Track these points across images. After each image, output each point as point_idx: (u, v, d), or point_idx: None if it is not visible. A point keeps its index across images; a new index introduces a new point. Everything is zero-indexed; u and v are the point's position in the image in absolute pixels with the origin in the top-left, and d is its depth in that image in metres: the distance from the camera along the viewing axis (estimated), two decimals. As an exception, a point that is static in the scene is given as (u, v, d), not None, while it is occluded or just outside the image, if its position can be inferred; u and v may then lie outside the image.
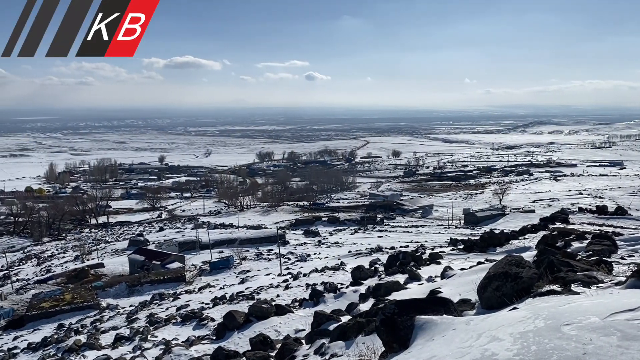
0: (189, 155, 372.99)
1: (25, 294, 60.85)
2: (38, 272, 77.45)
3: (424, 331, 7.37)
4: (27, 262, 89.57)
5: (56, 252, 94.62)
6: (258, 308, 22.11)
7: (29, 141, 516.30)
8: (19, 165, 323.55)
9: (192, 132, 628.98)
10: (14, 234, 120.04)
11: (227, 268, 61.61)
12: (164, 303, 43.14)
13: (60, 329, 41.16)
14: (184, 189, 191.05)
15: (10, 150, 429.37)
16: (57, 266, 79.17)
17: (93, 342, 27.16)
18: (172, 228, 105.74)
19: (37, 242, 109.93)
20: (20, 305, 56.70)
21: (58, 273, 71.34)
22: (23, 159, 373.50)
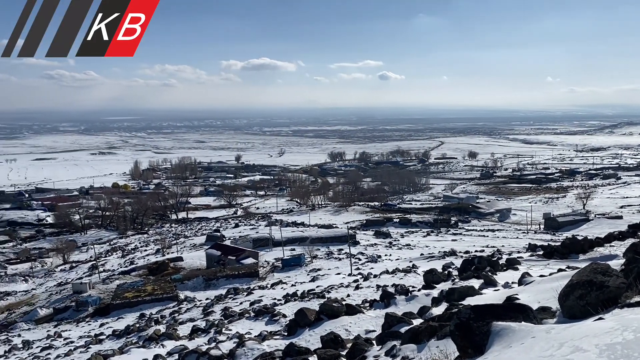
0: (263, 155, 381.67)
1: (111, 284, 64.78)
2: (122, 264, 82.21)
3: (501, 338, 7.12)
4: (113, 254, 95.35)
5: (139, 245, 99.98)
6: (329, 307, 22.21)
7: (116, 140, 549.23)
8: (107, 162, 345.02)
9: (267, 132, 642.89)
10: (101, 227, 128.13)
11: (299, 266, 62.44)
12: (238, 297, 44.38)
13: (142, 319, 43.42)
14: (258, 187, 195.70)
15: (100, 148, 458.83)
16: (140, 259, 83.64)
17: (171, 333, 28.40)
18: (246, 225, 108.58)
19: (122, 235, 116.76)
20: (106, 294, 60.48)
21: (140, 265, 75.36)
22: (110, 156, 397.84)
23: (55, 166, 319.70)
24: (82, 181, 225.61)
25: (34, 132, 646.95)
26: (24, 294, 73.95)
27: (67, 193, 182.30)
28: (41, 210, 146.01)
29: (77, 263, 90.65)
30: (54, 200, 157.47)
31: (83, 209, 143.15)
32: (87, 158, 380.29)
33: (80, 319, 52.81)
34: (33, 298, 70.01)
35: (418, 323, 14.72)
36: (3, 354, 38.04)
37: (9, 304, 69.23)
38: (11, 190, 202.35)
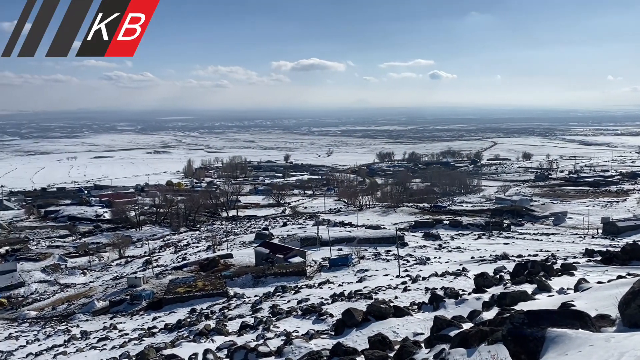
0: (311, 154, 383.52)
1: (164, 279, 66.76)
2: (175, 260, 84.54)
3: (557, 345, 6.88)
4: (166, 249, 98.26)
5: (191, 241, 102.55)
6: (376, 308, 22.06)
7: (171, 139, 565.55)
8: (162, 160, 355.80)
9: (316, 132, 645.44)
10: (155, 224, 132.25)
11: (346, 266, 62.37)
12: (286, 296, 44.79)
13: (193, 313, 44.49)
14: (306, 187, 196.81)
15: (155, 147, 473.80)
16: (192, 255, 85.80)
17: (221, 328, 28.95)
18: (294, 224, 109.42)
19: (175, 232, 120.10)
20: (159, 289, 62.38)
21: (192, 261, 77.31)
22: (165, 155, 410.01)
23: (113, 164, 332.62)
24: (138, 179, 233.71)
25: (94, 131, 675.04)
26: (83, 287, 77.34)
27: (124, 190, 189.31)
28: (99, 206, 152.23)
29: (132, 258, 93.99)
30: (112, 197, 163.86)
31: (138, 205, 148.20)
32: (142, 156, 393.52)
33: (134, 312, 54.73)
34: (90, 290, 73.10)
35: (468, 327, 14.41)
36: (63, 343, 39.88)
37: (68, 295, 72.62)
38: (72, 186, 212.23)
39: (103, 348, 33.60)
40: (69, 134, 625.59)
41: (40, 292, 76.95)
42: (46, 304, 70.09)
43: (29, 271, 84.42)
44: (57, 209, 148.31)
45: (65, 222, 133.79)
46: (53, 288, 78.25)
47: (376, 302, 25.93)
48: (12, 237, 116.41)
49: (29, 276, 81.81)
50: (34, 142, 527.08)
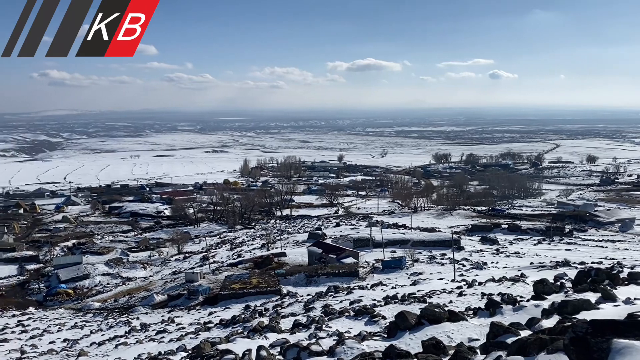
0: (365, 155, 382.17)
1: (220, 275, 68.38)
2: (230, 256, 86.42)
3: (623, 357, 6.53)
4: (222, 246, 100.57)
5: (246, 239, 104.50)
6: (430, 311, 21.65)
7: (228, 139, 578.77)
8: (219, 160, 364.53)
9: (370, 133, 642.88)
10: (212, 221, 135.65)
11: (399, 268, 61.72)
12: (338, 296, 44.81)
13: (247, 310, 45.29)
14: (359, 188, 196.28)
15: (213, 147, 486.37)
16: (246, 252, 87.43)
17: (274, 325, 29.25)
18: (347, 224, 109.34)
19: (231, 229, 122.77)
20: (215, 284, 63.95)
21: (247, 258, 78.76)
22: (222, 154, 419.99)
23: (173, 162, 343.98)
24: (197, 177, 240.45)
25: (155, 131, 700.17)
26: (143, 280, 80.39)
27: (183, 188, 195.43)
28: (160, 203, 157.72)
29: (190, 254, 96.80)
30: (171, 194, 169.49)
31: (197, 203, 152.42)
32: (201, 155, 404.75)
33: (191, 306, 56.35)
34: (150, 284, 75.83)
35: (526, 335, 13.91)
36: (124, 334, 41.55)
37: (129, 288, 75.65)
38: (134, 184, 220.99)
39: (161, 340, 34.73)
40: (132, 133, 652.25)
41: (103, 284, 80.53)
42: (109, 296, 73.32)
43: (93, 264, 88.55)
44: (120, 205, 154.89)
45: (127, 217, 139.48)
46: (115, 281, 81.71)
47: (430, 305, 25.52)
48: (78, 231, 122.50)
49: (94, 269, 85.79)
50: (100, 141, 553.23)
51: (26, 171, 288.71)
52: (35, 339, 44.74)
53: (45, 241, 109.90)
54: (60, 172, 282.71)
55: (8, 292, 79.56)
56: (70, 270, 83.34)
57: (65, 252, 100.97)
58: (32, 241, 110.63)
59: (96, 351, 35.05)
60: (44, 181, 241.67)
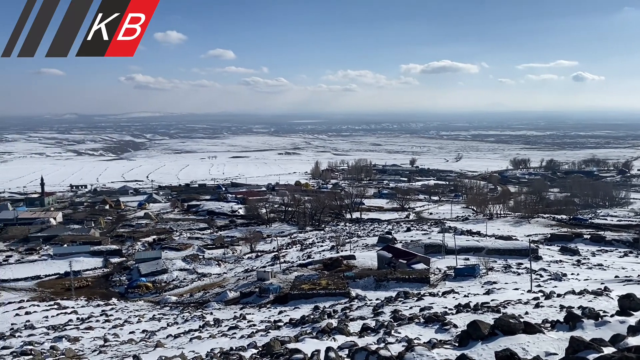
0: (439, 159, 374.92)
1: (290, 275, 69.38)
2: (300, 257, 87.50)
3: None
4: (293, 247, 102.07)
5: (316, 240, 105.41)
6: (505, 322, 20.85)
7: (300, 141, 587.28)
8: (291, 161, 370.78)
9: (444, 136, 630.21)
10: (284, 221, 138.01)
11: (472, 276, 59.96)
12: (408, 302, 44.16)
13: (316, 311, 45.64)
14: (432, 192, 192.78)
15: (285, 149, 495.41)
16: (316, 253, 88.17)
17: (342, 328, 29.28)
18: (418, 229, 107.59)
19: (301, 230, 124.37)
20: (285, 284, 64.96)
21: (316, 260, 79.43)
22: (294, 156, 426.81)
23: (248, 164, 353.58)
24: (270, 178, 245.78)
25: (232, 133, 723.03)
26: (217, 277, 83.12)
27: (257, 188, 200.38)
28: (234, 202, 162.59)
29: (262, 252, 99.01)
30: (245, 194, 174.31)
31: (269, 203, 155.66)
32: (274, 157, 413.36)
33: (262, 304, 57.60)
34: (224, 281, 78.25)
35: (609, 352, 13.08)
36: (198, 328, 43.13)
37: (204, 284, 78.43)
38: (211, 183, 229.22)
39: (233, 336, 35.72)
40: (210, 135, 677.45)
41: (180, 279, 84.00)
42: (185, 290, 76.38)
43: (171, 259, 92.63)
44: (198, 204, 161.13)
45: (204, 216, 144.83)
46: (191, 276, 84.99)
47: (504, 316, 24.59)
48: (158, 227, 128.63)
49: (172, 264, 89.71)
50: (180, 142, 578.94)
51: (112, 170, 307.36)
52: (116, 329, 47.42)
53: (128, 236, 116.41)
54: (143, 171, 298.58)
55: (94, 283, 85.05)
56: (150, 264, 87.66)
57: (145, 247, 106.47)
58: (116, 236, 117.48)
59: (172, 343, 36.58)
60: (128, 179, 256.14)
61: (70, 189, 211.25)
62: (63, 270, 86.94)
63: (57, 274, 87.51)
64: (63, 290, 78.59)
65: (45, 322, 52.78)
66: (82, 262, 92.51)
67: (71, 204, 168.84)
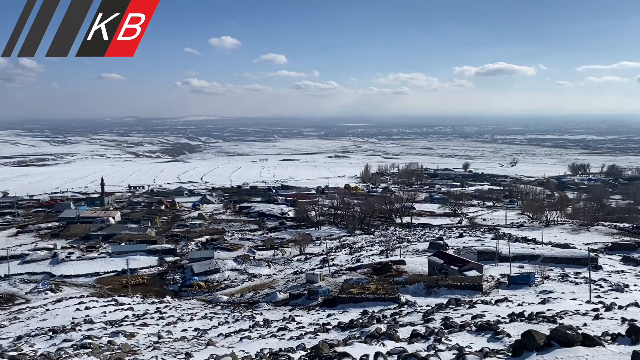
0: (493, 164, 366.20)
1: (338, 278, 69.35)
2: (349, 260, 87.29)
3: None
4: (341, 250, 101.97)
5: (365, 244, 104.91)
6: (562, 333, 20.10)
7: (350, 144, 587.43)
8: (341, 165, 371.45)
9: (499, 140, 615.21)
10: (333, 224, 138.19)
11: (527, 285, 58.13)
12: (459, 309, 43.25)
13: (365, 315, 45.39)
14: (485, 198, 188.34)
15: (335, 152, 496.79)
16: (365, 257, 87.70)
17: (392, 333, 29.01)
18: (471, 235, 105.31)
19: (350, 234, 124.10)
20: (334, 287, 64.99)
21: (365, 264, 79.01)
22: (344, 159, 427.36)
23: (298, 166, 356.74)
24: (319, 181, 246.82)
25: (283, 136, 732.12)
26: (267, 278, 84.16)
27: (306, 191, 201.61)
28: (284, 204, 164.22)
29: (311, 255, 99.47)
30: (295, 197, 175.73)
31: (318, 206, 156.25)
32: (324, 160, 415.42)
33: (310, 306, 57.84)
34: (273, 282, 79.12)
35: (678, 370, 12.37)
36: (248, 328, 43.78)
37: (254, 285, 79.59)
38: (262, 185, 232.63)
39: (282, 337, 36.04)
40: (262, 138, 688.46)
41: (231, 279, 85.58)
42: (236, 290, 77.75)
43: (223, 259, 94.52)
44: (249, 205, 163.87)
45: (255, 217, 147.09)
46: (242, 276, 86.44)
47: (561, 326, 23.71)
48: (211, 227, 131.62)
49: (223, 264, 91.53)
50: (233, 145, 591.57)
51: (168, 171, 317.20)
52: (170, 326, 48.80)
53: (182, 236, 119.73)
54: (197, 172, 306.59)
55: (149, 280, 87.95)
56: (203, 264, 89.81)
57: (199, 247, 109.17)
58: (171, 235, 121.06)
59: (223, 342, 37.30)
60: (183, 180, 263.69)
61: (129, 190, 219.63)
62: (120, 267, 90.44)
63: (114, 271, 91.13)
64: (120, 287, 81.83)
65: (103, 318, 54.96)
66: (139, 260, 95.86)
67: (129, 204, 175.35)
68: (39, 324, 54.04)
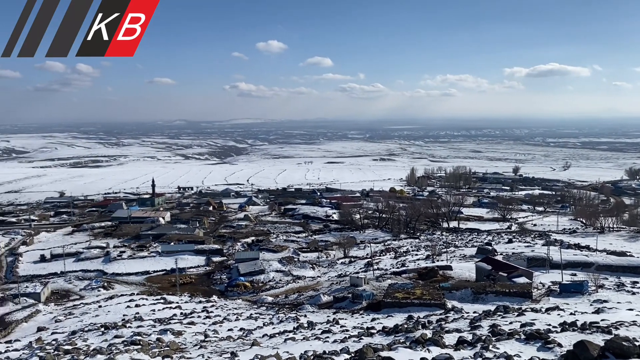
0: (544, 168, 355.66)
1: (383, 282, 68.85)
2: (394, 265, 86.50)
3: None
4: (386, 254, 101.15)
5: (410, 249, 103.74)
6: (617, 344, 19.24)
7: (396, 147, 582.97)
8: (386, 168, 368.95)
9: (551, 144, 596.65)
10: (377, 228, 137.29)
11: (580, 293, 56.03)
12: (508, 316, 42.11)
13: (410, 320, 44.86)
14: (536, 203, 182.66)
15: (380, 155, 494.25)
16: (410, 262, 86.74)
17: (437, 339, 28.52)
18: (521, 241, 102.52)
19: (395, 238, 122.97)
20: (378, 291, 64.55)
21: (411, 268, 78.14)
22: (389, 162, 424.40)
23: (342, 169, 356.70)
24: (364, 184, 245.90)
25: (328, 139, 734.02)
26: (311, 280, 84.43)
27: (351, 194, 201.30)
28: (329, 207, 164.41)
29: (355, 258, 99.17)
30: (340, 200, 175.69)
31: (363, 209, 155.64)
32: (369, 163, 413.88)
33: (354, 310, 57.65)
34: (317, 285, 79.29)
35: None
36: (292, 330, 44.01)
37: (299, 286, 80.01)
38: (307, 188, 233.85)
39: (326, 340, 36.05)
40: (307, 141, 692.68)
41: (276, 280, 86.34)
42: (280, 291, 78.38)
43: (268, 260, 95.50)
44: (294, 207, 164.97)
45: (299, 219, 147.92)
46: (287, 278, 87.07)
47: (617, 338, 22.68)
48: (257, 229, 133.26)
49: (268, 265, 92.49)
50: (279, 147, 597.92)
51: (216, 173, 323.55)
52: (216, 325, 49.65)
53: (229, 236, 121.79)
54: (244, 174, 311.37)
55: (197, 280, 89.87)
56: (248, 264, 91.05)
57: (244, 248, 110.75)
58: (218, 236, 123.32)
59: (267, 343, 37.64)
60: (230, 182, 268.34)
61: (178, 191, 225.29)
62: (169, 266, 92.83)
63: (163, 270, 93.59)
64: (169, 286, 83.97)
65: (152, 315, 56.51)
66: (187, 260, 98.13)
67: (178, 205, 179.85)
68: (92, 319, 56.14)
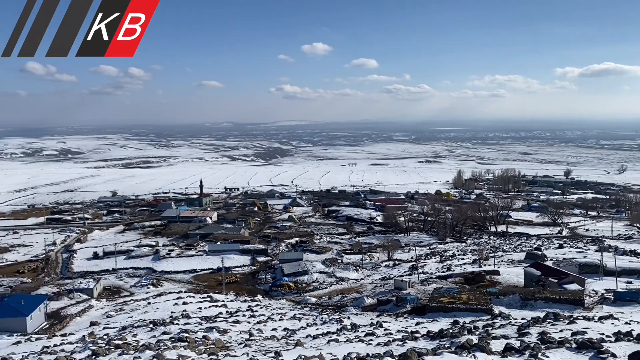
0: (598, 171, 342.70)
1: (428, 286, 67.93)
2: (440, 269, 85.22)
3: None
4: (431, 257, 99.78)
5: (456, 252, 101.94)
6: (677, 358, 18.37)
7: (442, 149, 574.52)
8: (432, 170, 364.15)
9: (605, 146, 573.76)
10: (422, 231, 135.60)
11: (636, 302, 53.58)
12: (558, 324, 40.74)
13: (455, 325, 44.04)
14: (589, 207, 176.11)
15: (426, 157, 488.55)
16: (456, 266, 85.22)
17: (484, 345, 27.91)
18: (572, 247, 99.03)
19: (441, 241, 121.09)
20: (423, 295, 63.75)
21: (457, 273, 76.78)
22: (435, 164, 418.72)
23: (387, 171, 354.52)
24: (409, 186, 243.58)
25: (372, 140, 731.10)
26: (354, 282, 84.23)
27: (395, 196, 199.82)
28: (373, 209, 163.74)
29: (399, 261, 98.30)
30: (384, 202, 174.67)
31: (408, 212, 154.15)
32: (414, 165, 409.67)
33: (398, 313, 57.17)
34: (361, 287, 79.02)
35: None
36: (335, 331, 44.03)
37: (342, 288, 79.96)
38: (350, 190, 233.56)
39: (369, 343, 35.86)
40: (351, 142, 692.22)
41: (319, 281, 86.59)
42: (324, 293, 78.55)
43: (312, 261, 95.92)
44: (337, 209, 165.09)
45: (343, 221, 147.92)
46: (330, 279, 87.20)
47: (677, 351, 21.66)
48: (301, 230, 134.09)
49: (312, 266, 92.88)
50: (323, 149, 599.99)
51: (261, 174, 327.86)
52: (261, 324, 50.25)
53: (274, 237, 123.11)
54: (288, 176, 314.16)
55: (242, 279, 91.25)
56: (292, 265, 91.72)
57: (289, 248, 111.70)
58: (263, 236, 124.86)
59: (311, 343, 37.79)
60: (275, 184, 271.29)
61: (225, 191, 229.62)
62: (216, 265, 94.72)
63: (210, 269, 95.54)
64: (215, 284, 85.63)
65: (199, 313, 57.74)
66: (233, 259, 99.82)
67: (225, 205, 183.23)
68: (141, 316, 57.89)
